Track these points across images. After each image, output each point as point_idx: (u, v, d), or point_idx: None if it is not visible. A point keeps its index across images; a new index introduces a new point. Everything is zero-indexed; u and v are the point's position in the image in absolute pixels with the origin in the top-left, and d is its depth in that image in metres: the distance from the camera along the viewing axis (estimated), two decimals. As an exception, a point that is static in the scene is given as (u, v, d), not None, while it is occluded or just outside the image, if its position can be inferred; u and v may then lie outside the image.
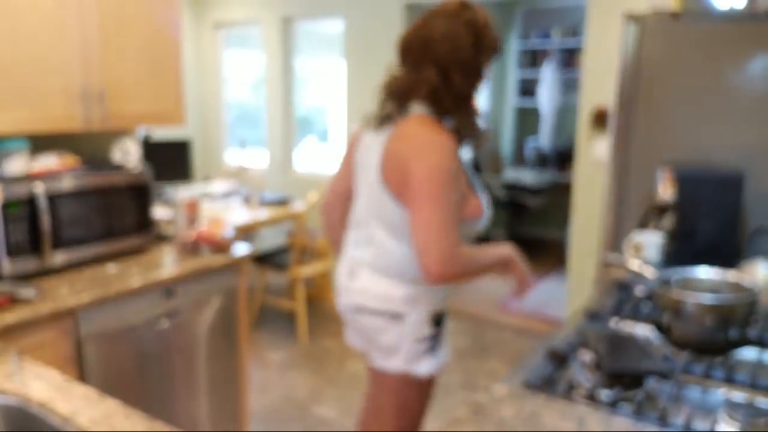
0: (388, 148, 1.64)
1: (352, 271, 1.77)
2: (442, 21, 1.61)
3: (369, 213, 1.73)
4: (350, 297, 1.78)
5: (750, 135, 2.22)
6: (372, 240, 1.72)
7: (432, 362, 1.73)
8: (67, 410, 1.26)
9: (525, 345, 4.27)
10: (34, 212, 2.03)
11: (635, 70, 2.39)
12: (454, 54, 1.61)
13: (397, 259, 1.68)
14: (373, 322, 1.73)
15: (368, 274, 1.72)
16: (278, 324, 4.59)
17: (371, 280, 1.71)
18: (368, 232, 1.73)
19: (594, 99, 3.93)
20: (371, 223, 1.72)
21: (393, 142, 1.64)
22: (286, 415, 3.28)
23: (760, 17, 2.13)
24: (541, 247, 6.82)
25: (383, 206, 1.67)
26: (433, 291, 1.70)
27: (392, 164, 1.62)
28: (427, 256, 1.52)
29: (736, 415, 1.13)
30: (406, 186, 1.58)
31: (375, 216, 1.70)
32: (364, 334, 1.78)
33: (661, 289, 1.48)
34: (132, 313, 2.12)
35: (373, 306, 1.71)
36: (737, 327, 1.40)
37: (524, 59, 6.86)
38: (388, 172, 1.63)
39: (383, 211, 1.68)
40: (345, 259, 1.82)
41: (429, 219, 1.53)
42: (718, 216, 2.02)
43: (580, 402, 1.23)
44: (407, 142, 1.61)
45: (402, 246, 1.66)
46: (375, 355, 1.78)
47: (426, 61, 1.62)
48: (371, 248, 1.72)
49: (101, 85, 2.29)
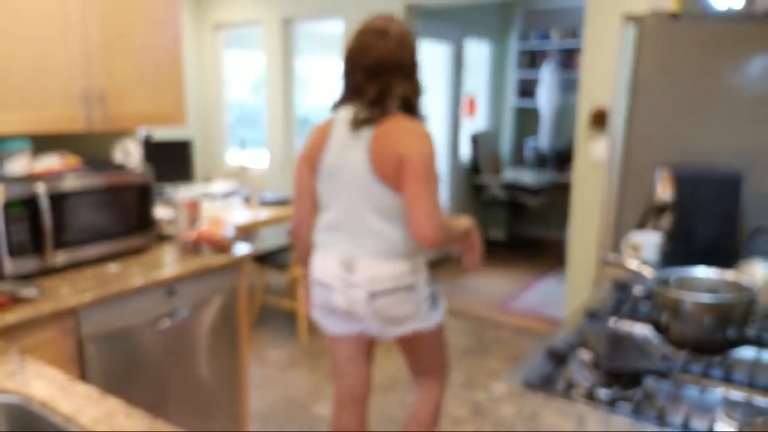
0: (376, 145, 1.89)
1: (348, 267, 1.97)
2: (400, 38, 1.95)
3: (358, 209, 1.95)
4: (356, 290, 1.97)
5: (749, 135, 2.22)
6: (368, 231, 1.95)
7: (440, 312, 2.10)
8: (69, 409, 1.26)
9: (524, 344, 4.27)
10: (35, 212, 2.04)
11: (634, 70, 2.39)
12: (413, 65, 1.98)
13: (397, 240, 1.95)
14: (390, 300, 1.96)
15: (371, 262, 1.95)
16: (278, 323, 4.60)
17: (376, 266, 1.95)
18: (360, 226, 1.96)
19: (593, 99, 3.93)
20: (365, 216, 1.94)
21: (379, 138, 1.89)
22: (286, 414, 3.29)
23: (758, 18, 2.14)
24: (541, 247, 6.84)
25: (376, 196, 1.92)
26: (421, 259, 2.04)
27: (383, 157, 1.88)
28: (426, 227, 1.84)
29: (734, 414, 1.13)
30: (400, 173, 1.86)
31: (368, 209, 1.94)
32: (385, 317, 1.99)
33: (660, 289, 1.48)
34: (133, 312, 2.13)
35: (389, 286, 1.95)
36: (735, 326, 1.40)
37: (523, 60, 6.88)
38: (379, 164, 1.88)
39: (377, 201, 1.92)
40: (331, 259, 2.01)
41: (425, 197, 1.84)
42: (716, 216, 2.01)
43: (579, 401, 1.23)
44: (397, 136, 1.89)
45: (396, 228, 1.94)
46: (389, 327, 2.03)
47: (397, 73, 1.93)
48: (369, 239, 1.95)
49: (102, 87, 2.30)
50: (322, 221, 2.06)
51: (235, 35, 6.05)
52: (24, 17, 2.05)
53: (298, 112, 5.74)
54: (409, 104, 1.99)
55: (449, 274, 5.97)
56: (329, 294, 2.02)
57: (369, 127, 1.91)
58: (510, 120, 7.17)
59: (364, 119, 1.91)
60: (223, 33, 6.02)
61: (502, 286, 5.60)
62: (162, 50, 2.52)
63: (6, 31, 2.01)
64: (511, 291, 5.47)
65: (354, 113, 1.94)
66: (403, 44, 1.96)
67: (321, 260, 2.05)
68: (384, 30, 1.96)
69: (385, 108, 1.92)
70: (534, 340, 4.31)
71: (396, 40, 1.94)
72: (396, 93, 1.94)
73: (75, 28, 2.20)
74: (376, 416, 3.15)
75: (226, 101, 6.15)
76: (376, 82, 1.92)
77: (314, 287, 2.10)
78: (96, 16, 2.26)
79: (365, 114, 1.91)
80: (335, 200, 2.00)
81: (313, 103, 5.95)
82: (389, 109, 1.93)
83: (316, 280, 2.07)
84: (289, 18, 5.43)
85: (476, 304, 5.10)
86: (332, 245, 2.02)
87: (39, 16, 2.09)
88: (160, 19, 2.49)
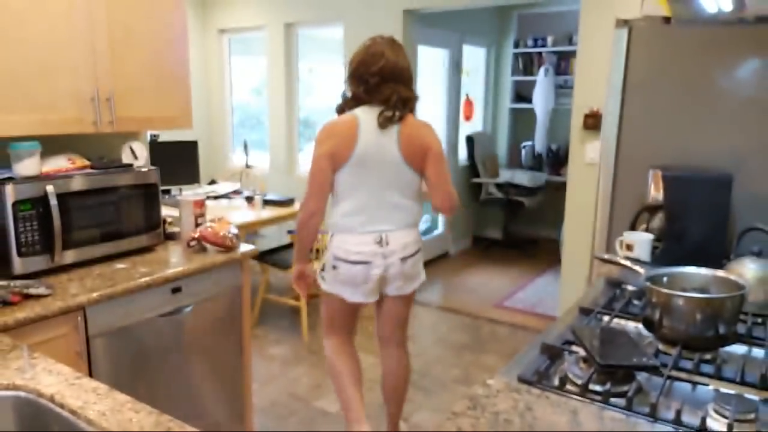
0: (405, 136, 2.37)
1: (382, 241, 2.42)
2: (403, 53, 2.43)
3: (386, 190, 2.40)
4: (389, 258, 2.43)
5: (739, 137, 2.24)
6: (397, 207, 2.43)
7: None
8: (77, 404, 1.27)
9: (520, 341, 4.31)
10: (45, 211, 2.07)
11: (627, 73, 2.41)
12: (410, 75, 2.45)
13: (416, 213, 2.51)
14: (413, 262, 2.50)
15: (400, 233, 2.45)
16: (280, 320, 4.63)
17: (404, 234, 2.46)
18: (386, 205, 2.41)
19: (587, 102, 3.97)
20: (393, 195, 2.42)
21: (407, 131, 2.38)
22: (288, 409, 3.32)
23: (748, 21, 2.16)
24: (536, 246, 6.87)
25: (404, 178, 2.42)
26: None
27: (411, 146, 2.38)
28: (450, 200, 2.46)
29: (724, 410, 1.13)
30: (425, 157, 2.40)
31: (395, 189, 2.42)
32: (407, 274, 2.50)
33: (652, 287, 1.48)
34: (139, 309, 2.16)
35: (413, 250, 2.49)
36: (726, 323, 1.40)
37: (519, 64, 6.91)
38: (408, 152, 2.38)
39: (403, 181, 2.42)
40: (366, 240, 2.42)
41: (446, 176, 2.45)
42: (707, 216, 2.01)
43: (573, 396, 1.24)
44: (421, 129, 2.42)
45: (416, 203, 2.49)
46: (406, 285, 2.53)
47: (404, 81, 2.40)
48: (399, 213, 2.44)
49: (110, 91, 2.32)
50: (343, 208, 2.43)
51: (238, 39, 6.07)
52: (32, 21, 2.07)
53: (300, 115, 5.76)
54: (411, 107, 2.43)
55: (447, 272, 6.01)
56: (368, 269, 2.42)
57: (391, 125, 2.34)
58: (506, 122, 7.20)
59: (391, 117, 2.34)
60: (228, 38, 6.05)
61: (498, 284, 5.63)
62: (168, 54, 2.54)
63: (15, 35, 2.03)
64: (507, 288, 5.50)
65: (380, 113, 2.34)
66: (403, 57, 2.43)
67: (355, 242, 2.42)
68: (389, 43, 2.41)
69: (404, 110, 2.37)
70: (529, 337, 4.35)
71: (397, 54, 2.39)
72: (402, 97, 2.36)
73: (83, 34, 2.22)
74: (375, 410, 3.19)
75: (230, 104, 6.18)
76: (387, 87, 2.35)
77: (342, 264, 2.44)
78: (103, 20, 2.28)
79: (391, 113, 2.34)
80: (360, 186, 2.39)
81: (315, 106, 5.97)
82: (406, 111, 2.38)
83: (351, 259, 2.42)
84: (291, 23, 5.47)
85: (473, 302, 5.14)
86: (360, 226, 2.41)
87: (46, 19, 2.11)
88: (166, 23, 2.52)
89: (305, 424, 3.17)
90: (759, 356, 1.45)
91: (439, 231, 6.43)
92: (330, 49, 5.52)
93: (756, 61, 2.20)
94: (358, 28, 4.96)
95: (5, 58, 2.02)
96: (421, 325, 4.64)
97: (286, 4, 5.41)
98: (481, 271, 6.05)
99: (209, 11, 5.99)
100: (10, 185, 1.99)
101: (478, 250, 6.81)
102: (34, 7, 2.08)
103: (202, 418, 2.48)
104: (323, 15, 5.20)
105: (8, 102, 2.04)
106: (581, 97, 4.00)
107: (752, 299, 1.64)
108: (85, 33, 2.23)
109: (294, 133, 5.72)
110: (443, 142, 2.61)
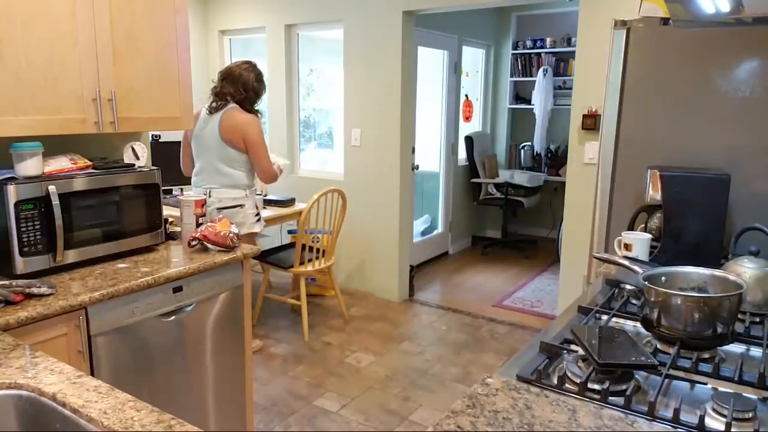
0: (225, 123, 3.41)
1: (208, 192, 3.45)
2: (245, 69, 3.53)
3: (214, 158, 3.46)
4: (211, 207, 3.39)
5: (736, 137, 2.25)
6: (218, 172, 3.47)
7: (260, 225, 3.73)
8: (79, 403, 1.26)
9: (519, 340, 4.33)
10: (47, 211, 2.08)
11: (625, 74, 2.42)
12: (248, 82, 3.50)
13: (234, 176, 3.49)
14: (229, 211, 3.44)
15: (221, 189, 3.48)
16: (281, 319, 4.64)
17: (223, 191, 3.48)
18: (212, 170, 3.47)
19: (585, 103, 3.99)
20: (217, 164, 3.46)
21: (227, 119, 3.41)
22: (289, 407, 3.33)
23: (745, 23, 2.16)
24: (535, 246, 6.88)
25: (224, 152, 3.44)
26: (252, 191, 3.62)
27: (230, 131, 3.40)
28: (266, 174, 3.52)
29: (722, 409, 1.14)
30: (243, 142, 3.42)
31: (219, 159, 3.45)
32: (229, 216, 3.35)
33: (650, 286, 1.48)
34: (141, 309, 2.16)
35: (229, 203, 3.48)
36: (724, 322, 1.40)
37: (518, 65, 6.92)
38: (227, 135, 3.41)
39: (224, 155, 3.44)
40: (198, 191, 3.48)
41: (262, 157, 3.48)
42: (705, 216, 2.02)
43: (571, 395, 1.24)
44: (238, 118, 3.41)
45: (235, 170, 3.48)
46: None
47: (237, 83, 3.48)
48: (219, 177, 3.47)
49: (112, 91, 2.33)
50: (195, 163, 3.56)
51: (238, 41, 6.08)
52: (36, 25, 2.08)
53: (301, 115, 5.76)
54: (243, 104, 3.48)
55: (447, 271, 6.02)
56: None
57: (216, 112, 3.45)
58: (505, 122, 7.21)
59: (214, 107, 3.46)
60: (229, 39, 6.06)
61: (497, 283, 5.64)
62: (170, 55, 2.55)
63: (18, 36, 2.04)
64: (507, 288, 5.52)
65: (209, 104, 3.48)
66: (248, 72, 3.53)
67: (195, 191, 3.46)
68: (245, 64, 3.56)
69: (225, 103, 3.44)
70: (528, 336, 4.36)
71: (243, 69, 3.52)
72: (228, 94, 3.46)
73: (85, 36, 2.23)
74: (375, 409, 3.20)
75: (231, 105, 6.17)
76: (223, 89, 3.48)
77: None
78: (106, 22, 2.29)
79: (214, 103, 3.47)
80: (200, 153, 3.50)
81: (315, 107, 5.97)
82: (227, 104, 3.44)
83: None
84: (291, 25, 5.48)
85: (472, 301, 5.15)
86: (199, 183, 3.50)
87: (50, 23, 2.11)
88: (167, 25, 2.52)
89: (306, 423, 3.18)
90: (757, 355, 1.45)
91: (438, 231, 6.45)
92: (330, 51, 5.53)
93: (754, 62, 2.21)
94: (358, 30, 4.98)
95: (9, 60, 2.02)
96: (420, 323, 4.65)
97: (286, 5, 5.42)
98: (480, 270, 6.06)
99: (210, 13, 6.01)
100: (13, 185, 1.99)
101: (478, 250, 6.82)
102: (38, 10, 2.08)
103: (203, 416, 2.49)
104: (323, 16, 5.21)
105: (11, 103, 2.04)
106: (580, 98, 4.01)
107: (750, 298, 1.65)
108: (88, 35, 2.24)
109: (294, 134, 5.73)
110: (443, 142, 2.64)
